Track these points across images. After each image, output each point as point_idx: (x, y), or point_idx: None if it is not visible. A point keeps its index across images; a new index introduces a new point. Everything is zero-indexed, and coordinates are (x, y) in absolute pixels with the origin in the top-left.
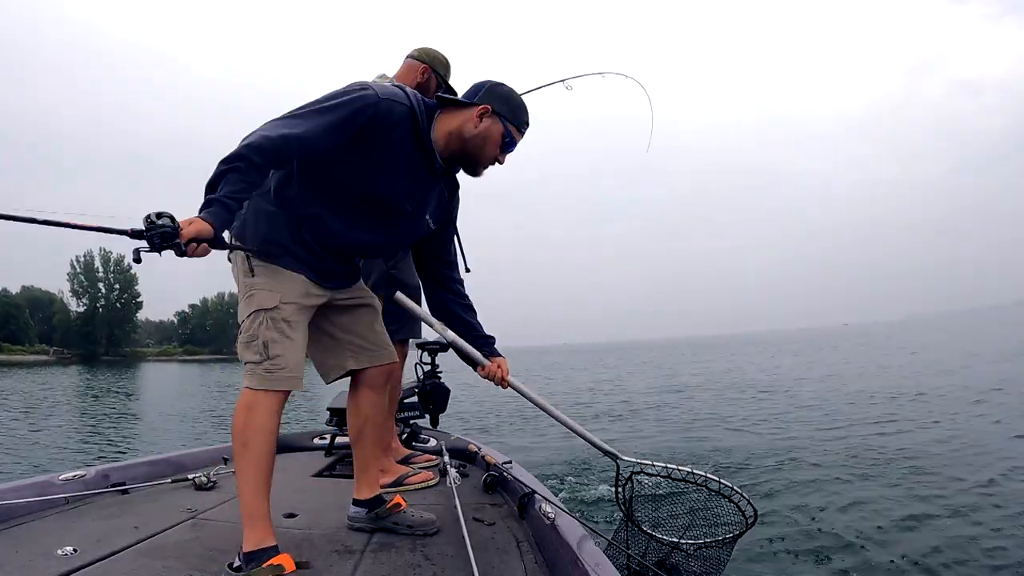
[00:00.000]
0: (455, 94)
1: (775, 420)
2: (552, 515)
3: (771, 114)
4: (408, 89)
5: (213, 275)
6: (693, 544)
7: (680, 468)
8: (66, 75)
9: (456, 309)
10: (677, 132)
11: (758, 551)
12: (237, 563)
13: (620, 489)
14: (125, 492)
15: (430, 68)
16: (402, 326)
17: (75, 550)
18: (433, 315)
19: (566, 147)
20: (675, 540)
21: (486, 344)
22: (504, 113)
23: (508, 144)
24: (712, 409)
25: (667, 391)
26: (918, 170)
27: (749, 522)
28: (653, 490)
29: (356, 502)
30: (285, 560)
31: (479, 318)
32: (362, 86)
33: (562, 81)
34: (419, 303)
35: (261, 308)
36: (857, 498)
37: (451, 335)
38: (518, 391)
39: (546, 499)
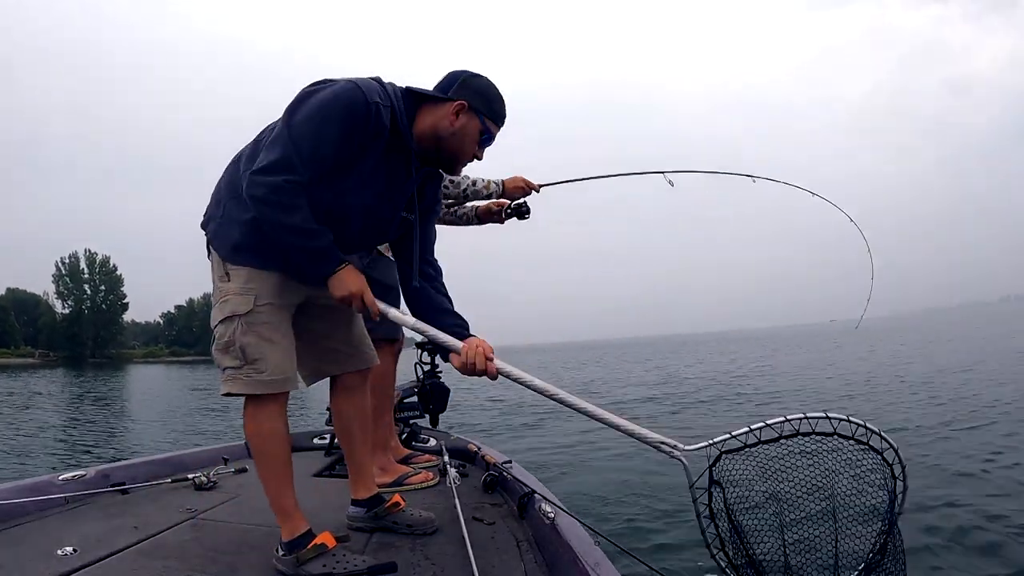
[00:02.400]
0: None
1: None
2: (552, 515)
3: (754, 105)
4: (385, 82)
5: (198, 275)
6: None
7: (770, 423)
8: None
9: (432, 298)
10: (665, 128)
11: None
12: (281, 552)
13: (701, 499)
14: (125, 492)
15: None
16: (385, 325)
17: (75, 550)
18: (409, 306)
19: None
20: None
21: (460, 329)
22: (481, 108)
23: (486, 140)
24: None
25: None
26: (901, 166)
27: (901, 482)
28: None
29: (355, 502)
30: (326, 538)
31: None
32: (352, 88)
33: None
34: (398, 304)
35: (235, 314)
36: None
37: (422, 325)
38: (512, 378)
39: (546, 499)
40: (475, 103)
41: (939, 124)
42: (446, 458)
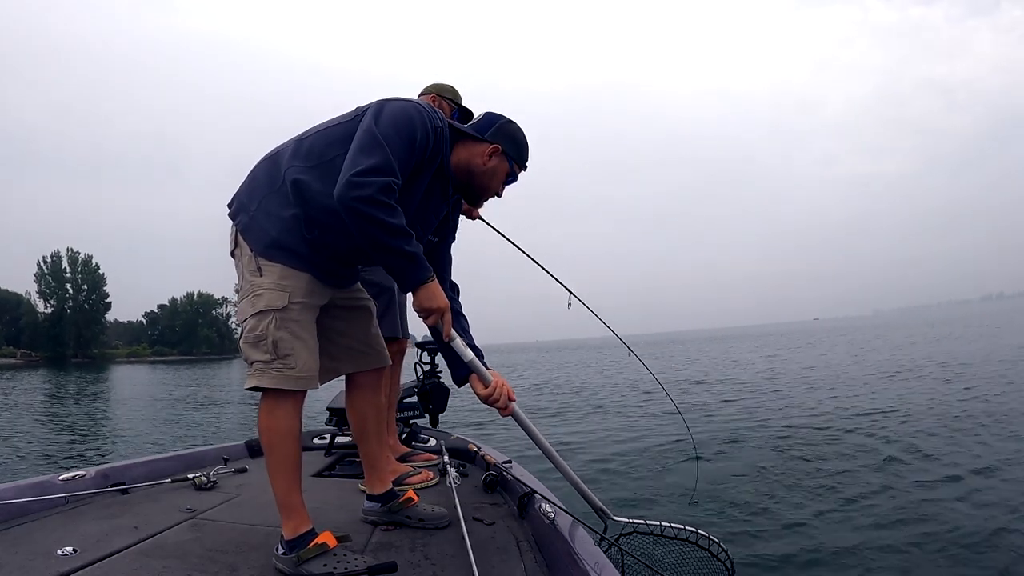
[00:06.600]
0: (471, 115)
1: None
2: (552, 514)
3: (741, 109)
4: (440, 113)
5: (181, 274)
6: None
7: (673, 525)
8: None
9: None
10: (656, 125)
11: None
12: (282, 550)
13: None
14: (125, 492)
15: (438, 96)
16: (384, 324)
17: (75, 550)
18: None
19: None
20: None
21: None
22: (512, 153)
23: (511, 180)
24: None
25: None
26: (887, 168)
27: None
28: (641, 549)
29: (370, 497)
30: (327, 538)
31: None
32: (422, 109)
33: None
34: (393, 303)
35: (270, 308)
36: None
37: (470, 355)
38: (520, 423)
39: (546, 499)
40: (508, 148)
41: (922, 126)
42: (446, 458)
